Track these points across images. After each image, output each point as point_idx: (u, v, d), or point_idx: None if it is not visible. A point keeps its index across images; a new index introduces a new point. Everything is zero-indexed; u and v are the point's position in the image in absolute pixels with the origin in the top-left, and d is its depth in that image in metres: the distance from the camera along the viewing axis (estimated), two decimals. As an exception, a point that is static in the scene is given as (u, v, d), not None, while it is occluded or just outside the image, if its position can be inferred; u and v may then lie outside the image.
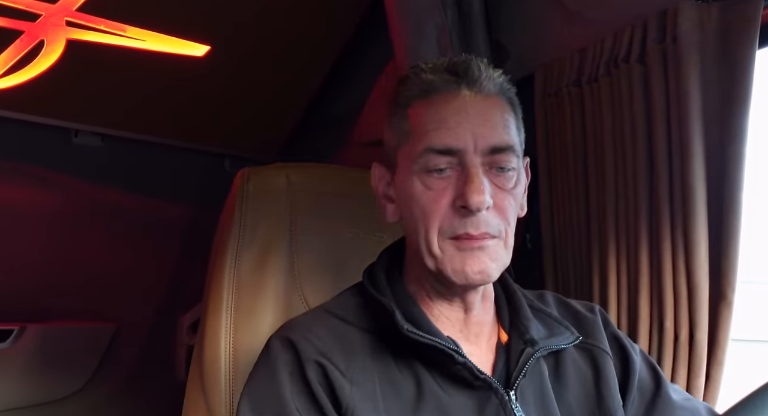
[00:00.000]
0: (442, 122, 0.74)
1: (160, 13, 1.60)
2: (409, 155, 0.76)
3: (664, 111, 1.01)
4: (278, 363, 0.73)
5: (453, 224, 0.73)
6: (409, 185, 0.75)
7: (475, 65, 0.76)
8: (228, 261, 0.95)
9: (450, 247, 0.74)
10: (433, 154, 0.73)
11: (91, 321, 2.12)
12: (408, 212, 0.77)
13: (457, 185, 0.73)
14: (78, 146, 1.86)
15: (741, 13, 0.93)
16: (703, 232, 0.96)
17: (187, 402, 0.96)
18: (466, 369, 0.73)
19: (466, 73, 0.76)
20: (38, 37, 1.55)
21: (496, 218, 0.74)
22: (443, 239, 0.74)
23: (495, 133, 0.74)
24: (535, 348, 0.78)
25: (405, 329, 0.73)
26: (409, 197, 0.76)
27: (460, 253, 0.73)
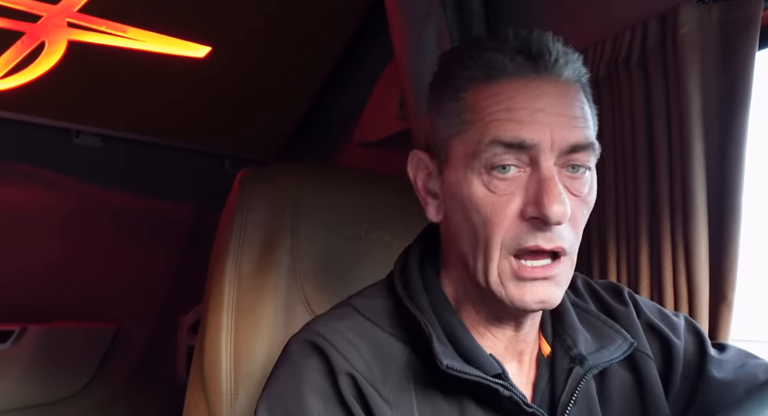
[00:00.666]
0: (514, 111, 0.62)
1: (161, 14, 1.61)
2: (467, 146, 0.64)
3: (664, 113, 1.01)
4: (305, 372, 0.64)
5: (519, 236, 0.62)
6: (467, 184, 0.64)
7: (552, 45, 0.64)
8: (229, 261, 0.95)
9: (511, 273, 0.63)
10: (500, 147, 0.61)
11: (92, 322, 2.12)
12: (460, 215, 0.65)
13: (530, 191, 0.62)
14: (79, 147, 1.87)
15: (741, 14, 0.93)
16: (703, 233, 0.96)
17: (187, 402, 0.96)
18: (513, 402, 0.64)
19: (542, 54, 0.64)
20: (39, 39, 1.55)
21: (571, 232, 0.64)
22: (504, 256, 0.63)
23: (575, 127, 0.63)
24: (584, 367, 0.68)
25: (445, 365, 0.62)
26: (465, 199, 0.64)
27: (523, 283, 0.63)
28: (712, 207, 0.96)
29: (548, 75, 0.64)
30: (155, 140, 1.95)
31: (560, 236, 0.62)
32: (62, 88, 1.66)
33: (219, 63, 1.75)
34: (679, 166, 0.98)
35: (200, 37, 1.69)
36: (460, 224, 0.66)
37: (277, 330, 0.93)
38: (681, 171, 0.98)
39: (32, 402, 2.07)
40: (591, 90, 0.70)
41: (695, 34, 0.97)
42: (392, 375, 0.65)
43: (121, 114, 1.83)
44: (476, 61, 0.65)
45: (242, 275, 0.94)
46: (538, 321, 0.73)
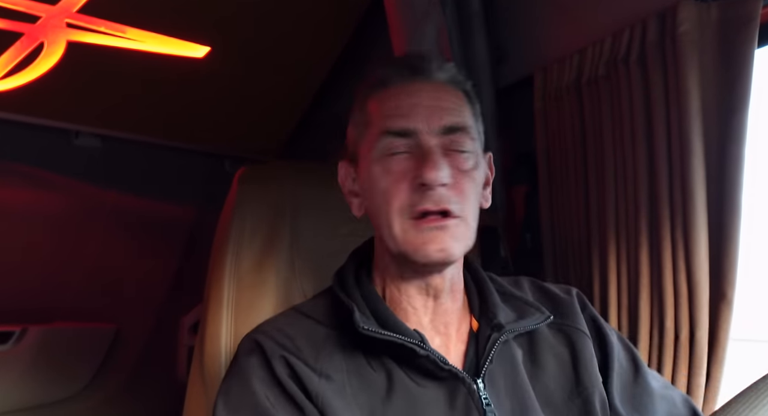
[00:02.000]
0: (398, 108, 0.77)
1: (160, 14, 1.61)
2: (368, 143, 0.79)
3: (663, 111, 1.01)
4: (248, 363, 0.74)
5: (412, 202, 0.74)
6: (371, 171, 0.78)
7: (427, 58, 0.81)
8: (228, 259, 0.95)
9: (411, 227, 0.74)
10: (390, 137, 0.76)
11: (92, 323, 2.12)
12: (371, 199, 0.79)
13: (415, 165, 0.75)
14: (78, 148, 1.87)
15: (740, 12, 0.93)
16: (703, 231, 0.96)
17: (188, 399, 0.97)
18: (430, 361, 0.73)
19: (421, 64, 0.80)
20: (38, 39, 1.55)
21: (456, 197, 0.75)
22: (404, 219, 0.75)
23: (447, 114, 0.77)
24: (501, 332, 0.78)
25: (361, 327, 0.73)
26: (371, 184, 0.78)
27: (421, 233, 0.74)
28: (712, 205, 0.96)
29: (426, 79, 0.80)
30: (154, 141, 1.95)
31: (445, 199, 0.74)
32: (61, 88, 1.66)
33: (218, 63, 1.75)
34: (678, 164, 0.98)
35: (199, 37, 1.69)
36: (372, 207, 0.79)
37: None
38: (680, 169, 0.98)
39: (33, 402, 2.07)
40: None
41: (694, 32, 0.97)
42: (324, 355, 0.75)
43: (120, 115, 1.82)
44: (373, 77, 0.82)
45: (241, 272, 0.94)
46: (459, 296, 0.84)
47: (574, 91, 1.19)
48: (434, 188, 0.73)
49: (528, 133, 1.33)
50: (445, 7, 1.36)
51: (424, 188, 0.73)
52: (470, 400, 0.73)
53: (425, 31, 1.36)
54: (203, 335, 0.93)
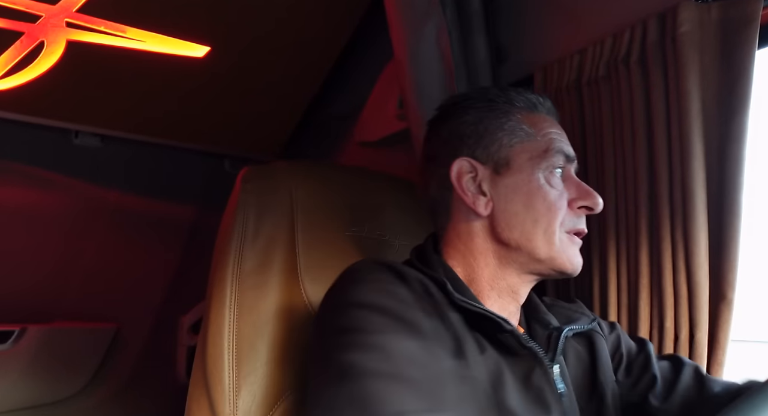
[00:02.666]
0: (559, 134, 0.87)
1: (161, 14, 1.61)
2: (533, 152, 0.84)
3: (663, 112, 1.01)
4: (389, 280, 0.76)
5: (574, 220, 0.84)
6: (534, 180, 0.83)
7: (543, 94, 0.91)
8: (231, 260, 0.95)
9: (566, 238, 0.83)
10: (562, 156, 0.85)
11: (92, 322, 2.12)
12: (521, 205, 0.83)
13: (572, 189, 0.85)
14: (78, 147, 1.87)
15: (741, 13, 0.93)
16: (703, 232, 0.96)
17: (189, 399, 0.96)
18: (514, 336, 0.78)
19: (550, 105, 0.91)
20: (38, 39, 1.55)
21: None
22: (562, 232, 0.83)
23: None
24: (560, 332, 0.85)
25: (456, 297, 0.78)
26: (530, 191, 0.83)
27: (574, 246, 0.84)
28: (712, 206, 0.96)
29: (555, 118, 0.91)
30: (154, 140, 1.95)
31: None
32: (61, 88, 1.66)
33: (218, 63, 1.75)
34: (678, 165, 0.98)
35: (200, 37, 1.69)
36: (519, 213, 0.83)
37: (278, 327, 0.93)
38: (681, 170, 0.98)
39: (32, 402, 2.06)
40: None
41: (695, 32, 0.97)
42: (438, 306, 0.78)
43: (120, 114, 1.82)
44: (517, 97, 0.89)
45: (244, 272, 0.94)
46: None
47: (575, 92, 1.19)
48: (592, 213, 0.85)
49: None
50: (445, 7, 1.36)
51: (582, 210, 0.84)
52: (545, 380, 0.79)
53: (425, 32, 1.36)
54: (205, 335, 0.93)
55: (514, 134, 0.85)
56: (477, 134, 0.87)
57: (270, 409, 0.89)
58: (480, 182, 0.85)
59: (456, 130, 0.89)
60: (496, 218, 0.84)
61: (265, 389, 0.89)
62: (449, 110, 0.92)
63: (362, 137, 1.74)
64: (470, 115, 0.89)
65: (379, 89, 1.68)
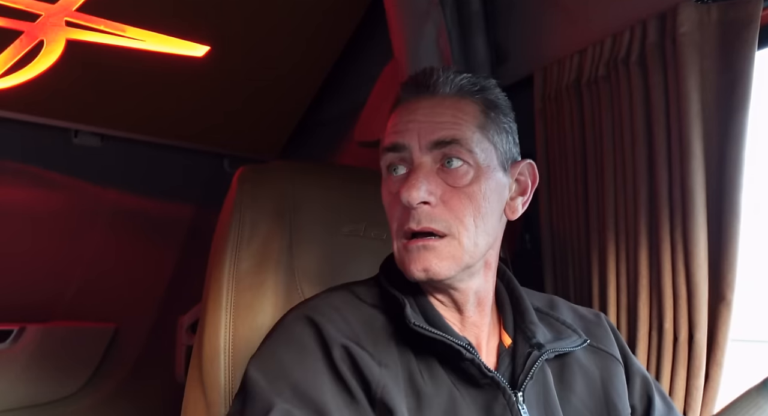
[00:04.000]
0: (395, 125, 0.78)
1: (160, 13, 1.61)
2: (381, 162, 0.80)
3: (663, 112, 1.01)
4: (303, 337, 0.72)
5: (402, 222, 0.75)
6: (383, 190, 0.80)
7: (433, 73, 0.79)
8: (227, 259, 0.95)
9: (403, 247, 0.75)
10: (386, 153, 0.77)
11: (91, 322, 2.12)
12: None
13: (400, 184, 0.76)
14: (78, 146, 1.87)
15: (740, 13, 0.93)
16: (702, 233, 0.96)
17: (186, 399, 0.96)
18: (474, 365, 0.73)
19: (423, 80, 0.79)
20: (38, 38, 1.55)
21: (444, 215, 0.74)
22: (400, 239, 0.76)
23: (439, 127, 0.75)
24: (541, 351, 0.77)
25: (412, 323, 0.72)
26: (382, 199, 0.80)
27: (408, 253, 0.74)
28: (711, 207, 0.96)
29: (427, 93, 0.78)
30: (154, 140, 1.95)
31: (429, 218, 0.73)
32: (61, 87, 1.66)
33: (218, 62, 1.75)
34: (678, 165, 0.98)
35: (199, 36, 1.69)
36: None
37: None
38: (680, 171, 0.98)
39: (31, 401, 2.06)
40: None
41: (695, 33, 0.97)
42: (380, 340, 0.74)
43: (119, 113, 1.82)
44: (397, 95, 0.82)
45: (241, 272, 0.94)
46: (487, 310, 0.83)
47: (574, 92, 1.18)
48: (415, 207, 0.73)
49: (528, 133, 1.33)
50: (444, 7, 1.36)
51: (407, 207, 0.73)
52: (508, 412, 0.73)
53: (425, 32, 1.36)
54: (201, 336, 0.93)
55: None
56: None
57: (267, 409, 0.89)
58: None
59: None
60: None
61: (262, 389, 0.89)
62: None
63: (361, 137, 1.74)
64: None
65: (378, 89, 1.67)
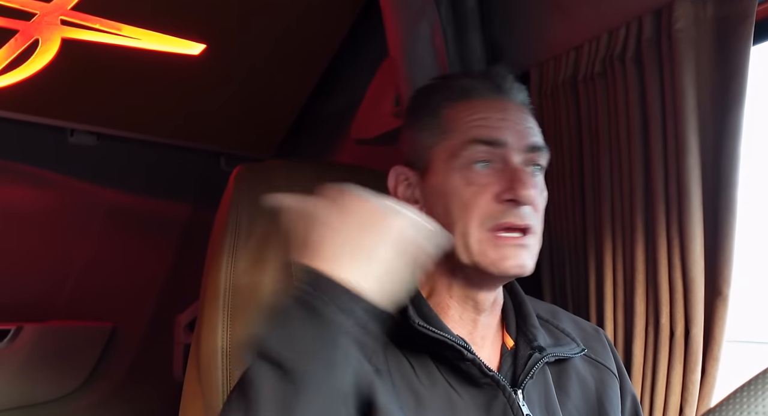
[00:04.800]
0: (487, 120, 0.78)
1: (156, 11, 1.60)
2: (449, 150, 0.78)
3: (659, 108, 1.01)
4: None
5: (494, 215, 0.74)
6: (448, 181, 0.77)
7: (510, 77, 0.83)
8: (224, 258, 0.95)
9: (489, 240, 0.74)
10: (479, 145, 0.76)
11: (88, 321, 2.12)
12: (441, 209, 0.77)
13: (504, 180, 0.75)
14: (74, 145, 1.86)
15: (736, 9, 0.93)
16: (698, 228, 0.96)
17: (184, 399, 0.96)
18: (475, 365, 0.74)
19: (503, 82, 0.82)
20: (33, 36, 1.54)
21: (535, 214, 0.77)
22: (483, 231, 0.75)
23: (530, 132, 0.79)
24: (543, 354, 0.79)
25: (416, 323, 0.73)
26: (445, 193, 0.77)
27: (500, 249, 0.74)
28: (707, 202, 0.96)
29: (507, 97, 0.82)
30: (150, 138, 1.95)
31: (529, 215, 0.76)
32: (56, 86, 1.66)
33: (214, 61, 1.74)
34: (674, 161, 0.98)
35: (195, 34, 1.68)
36: (440, 217, 0.76)
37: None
38: (676, 166, 0.98)
39: (28, 400, 2.06)
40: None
41: (690, 29, 0.97)
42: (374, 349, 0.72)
43: (115, 112, 1.82)
44: (451, 86, 0.83)
45: (238, 271, 0.94)
46: (498, 312, 0.85)
47: (570, 88, 1.19)
48: (521, 205, 0.74)
49: (524, 130, 1.33)
50: (439, 4, 1.36)
51: (511, 204, 0.74)
52: (509, 410, 0.73)
53: (419, 30, 1.36)
54: (199, 335, 0.93)
55: (434, 132, 0.80)
56: (410, 136, 0.84)
57: (264, 407, 0.89)
58: (413, 189, 0.82)
59: (403, 133, 0.87)
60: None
61: (260, 387, 0.89)
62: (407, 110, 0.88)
63: (358, 134, 1.74)
64: (410, 115, 0.86)
65: (375, 87, 1.67)
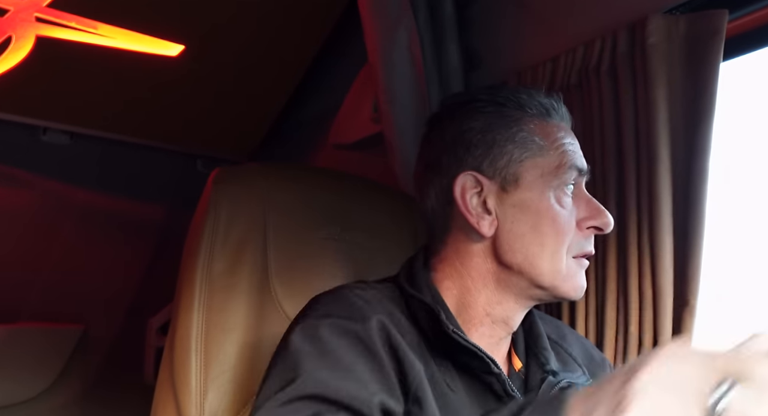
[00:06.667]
0: (573, 145, 0.80)
1: (133, 11, 1.59)
2: (545, 168, 0.77)
3: (632, 120, 1.03)
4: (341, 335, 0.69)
5: (581, 243, 0.78)
6: (544, 200, 0.76)
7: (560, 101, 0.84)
8: (200, 260, 0.94)
9: (574, 264, 0.77)
10: (575, 172, 0.78)
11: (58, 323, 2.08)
12: (529, 225, 0.76)
13: (589, 208, 0.79)
14: (46, 144, 1.83)
15: (707, 25, 0.96)
16: (668, 237, 0.98)
17: (156, 401, 0.95)
18: (500, 381, 0.73)
19: (559, 107, 0.83)
20: (6, 33, 1.52)
21: None
22: (569, 257, 0.77)
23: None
24: (557, 378, 0.78)
25: (451, 329, 0.72)
26: (538, 211, 0.76)
27: (581, 271, 0.78)
28: (677, 213, 0.98)
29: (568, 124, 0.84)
30: (125, 139, 1.93)
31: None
32: (30, 84, 1.63)
33: (192, 62, 1.73)
34: (646, 172, 1.00)
35: (173, 35, 1.67)
36: (525, 235, 0.76)
37: (248, 330, 0.92)
38: (647, 177, 1.00)
39: (-5, 403, 2.02)
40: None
41: (663, 44, 0.99)
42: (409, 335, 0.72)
43: (90, 112, 1.79)
44: (533, 101, 0.81)
45: (214, 273, 0.93)
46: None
47: (546, 99, 1.20)
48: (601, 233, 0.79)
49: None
50: (417, 12, 1.37)
51: (591, 231, 0.78)
52: None
53: (396, 37, 1.36)
54: (173, 337, 0.92)
55: (525, 146, 0.77)
56: (485, 144, 0.78)
57: (237, 412, 0.88)
58: (485, 199, 0.77)
59: (461, 137, 0.79)
60: (500, 240, 0.77)
61: (233, 391, 0.89)
62: (454, 111, 0.82)
63: (337, 139, 1.74)
64: (478, 121, 0.79)
65: (354, 92, 1.68)
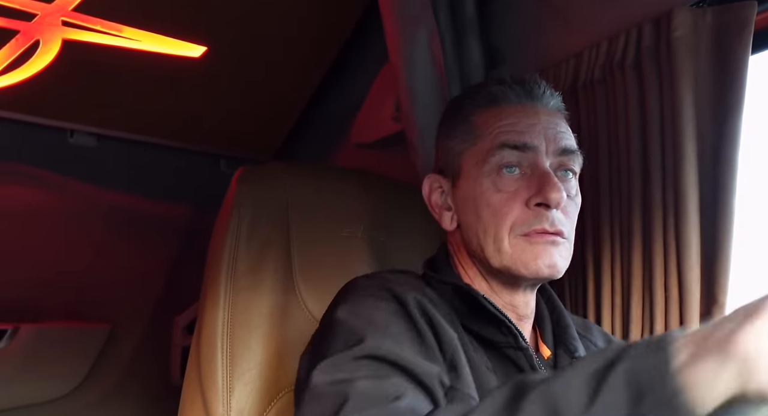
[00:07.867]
0: (516, 125, 0.78)
1: (157, 13, 1.60)
2: (478, 156, 0.78)
3: (657, 115, 1.02)
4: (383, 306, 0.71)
5: (527, 221, 0.75)
6: (478, 186, 0.77)
7: (540, 83, 0.82)
8: (225, 259, 0.95)
9: (521, 242, 0.75)
10: (507, 150, 0.76)
11: (86, 322, 2.11)
12: (473, 215, 0.78)
13: (532, 185, 0.75)
14: (73, 146, 1.86)
15: (735, 18, 0.94)
16: (694, 235, 0.96)
17: (183, 398, 0.96)
18: (527, 355, 0.75)
19: (534, 87, 0.81)
20: (34, 37, 1.55)
21: (566, 221, 0.77)
22: (514, 236, 0.75)
23: (563, 136, 0.79)
24: None
25: (482, 295, 0.74)
26: (477, 198, 0.77)
27: (532, 246, 0.74)
28: (705, 210, 0.97)
29: (539, 103, 0.81)
30: (150, 140, 1.95)
31: (560, 221, 0.75)
32: (57, 87, 1.66)
33: (215, 63, 1.74)
34: (671, 168, 0.99)
35: (196, 37, 1.69)
36: (472, 223, 0.78)
37: (272, 328, 0.93)
38: (674, 173, 0.98)
39: (25, 401, 2.05)
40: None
41: (689, 37, 0.97)
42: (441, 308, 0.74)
43: (116, 113, 1.82)
44: (482, 93, 0.82)
45: (238, 273, 0.94)
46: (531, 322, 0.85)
47: (570, 95, 1.19)
48: (551, 209, 0.74)
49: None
50: (438, 11, 1.36)
51: (540, 208, 0.74)
52: None
53: (417, 36, 1.36)
54: (199, 336, 0.93)
55: (464, 139, 0.81)
56: (442, 144, 0.85)
57: (264, 409, 0.89)
58: (446, 196, 0.83)
59: (437, 141, 0.88)
60: (462, 231, 0.81)
61: (259, 389, 0.90)
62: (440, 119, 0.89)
63: (359, 138, 1.74)
64: (443, 123, 0.87)
65: (375, 91, 1.68)
